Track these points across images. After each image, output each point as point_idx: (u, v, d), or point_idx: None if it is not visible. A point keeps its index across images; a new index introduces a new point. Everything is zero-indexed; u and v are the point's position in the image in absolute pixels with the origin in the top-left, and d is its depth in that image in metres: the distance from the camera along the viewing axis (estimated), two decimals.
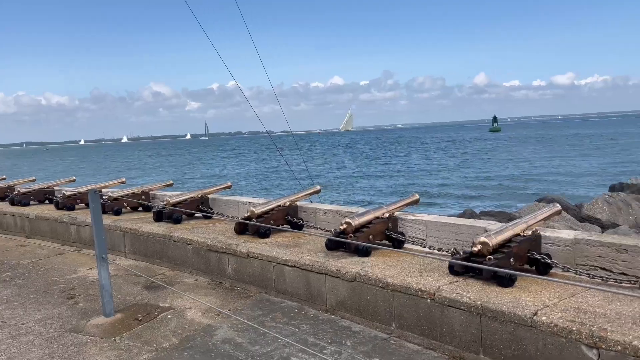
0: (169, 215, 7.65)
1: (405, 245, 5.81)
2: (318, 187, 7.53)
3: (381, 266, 4.89)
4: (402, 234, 5.81)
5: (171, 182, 10.53)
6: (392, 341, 4.37)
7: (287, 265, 5.47)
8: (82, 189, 9.65)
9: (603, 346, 3.18)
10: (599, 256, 4.48)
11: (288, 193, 7.67)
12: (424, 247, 5.64)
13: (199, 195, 8.13)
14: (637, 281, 4.09)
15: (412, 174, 42.06)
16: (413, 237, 5.88)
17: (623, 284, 4.16)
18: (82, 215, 8.77)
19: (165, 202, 7.80)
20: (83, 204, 9.49)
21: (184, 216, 7.83)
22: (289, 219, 6.77)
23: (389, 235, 5.74)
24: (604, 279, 4.25)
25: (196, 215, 8.09)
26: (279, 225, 6.65)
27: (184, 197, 8.03)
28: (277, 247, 5.84)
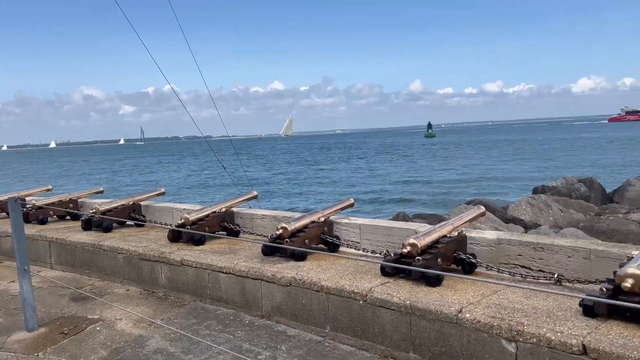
0: (99, 223, 7.36)
1: (341, 248, 5.91)
2: (255, 193, 7.51)
3: (316, 270, 4.95)
4: (337, 237, 5.91)
5: (101, 189, 10.13)
6: (326, 344, 4.44)
7: (223, 272, 5.42)
8: (2, 197, 9.09)
9: (520, 339, 3.39)
10: (519, 255, 4.76)
11: (225, 199, 7.59)
12: (358, 249, 5.76)
13: (131, 203, 7.88)
14: (552, 277, 4.38)
15: (350, 178, 42.63)
16: (348, 240, 5.99)
17: (540, 280, 4.45)
18: (3, 225, 8.27)
19: (94, 210, 7.50)
20: (4, 213, 8.94)
21: (115, 224, 7.56)
22: (225, 225, 6.71)
23: (324, 239, 5.82)
24: (524, 276, 4.52)
25: (128, 223, 7.83)
26: (214, 232, 6.57)
27: (114, 205, 7.76)
28: (212, 254, 5.77)
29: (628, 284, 3.31)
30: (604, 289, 3.43)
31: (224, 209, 6.75)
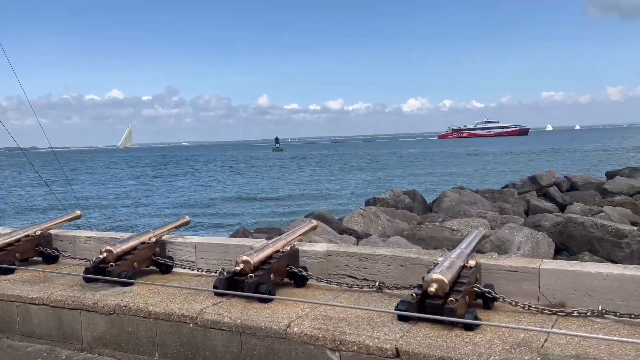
0: None
1: (175, 269, 5.66)
2: (78, 212, 6.83)
3: (144, 295, 4.66)
4: (170, 258, 5.65)
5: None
6: None
7: (35, 304, 4.81)
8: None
9: (343, 348, 3.56)
10: (346, 265, 5.03)
11: (44, 220, 6.77)
12: (193, 269, 5.57)
13: None
14: (374, 285, 4.70)
15: (192, 193, 40.55)
16: (183, 260, 5.76)
17: (364, 289, 4.74)
18: None
19: None
20: None
21: None
22: (41, 250, 5.99)
23: (156, 260, 5.52)
24: (350, 285, 4.78)
25: None
26: (28, 259, 5.83)
27: None
28: (23, 284, 5.11)
29: (433, 288, 3.69)
30: (414, 295, 3.78)
31: (39, 232, 6.02)
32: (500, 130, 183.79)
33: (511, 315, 3.92)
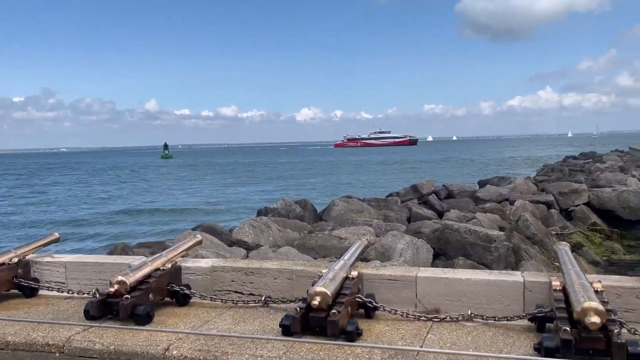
0: None
1: (41, 292, 5.13)
2: (57, 235, 5.87)
3: (2, 323, 4.16)
4: (35, 279, 5.12)
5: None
6: None
7: None
8: None
9: None
10: (232, 280, 4.91)
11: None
12: (63, 292, 5.09)
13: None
14: (260, 300, 4.63)
15: (65, 205, 35.63)
16: (51, 281, 5.26)
17: (250, 304, 4.65)
18: None
19: None
20: None
21: None
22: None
23: (18, 283, 4.97)
24: (235, 301, 4.66)
25: None
26: None
27: None
28: None
29: (316, 301, 3.70)
30: (298, 309, 3.77)
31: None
32: (392, 140, 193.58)
33: (391, 323, 4.07)
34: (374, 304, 4.14)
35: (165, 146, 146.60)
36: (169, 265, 4.69)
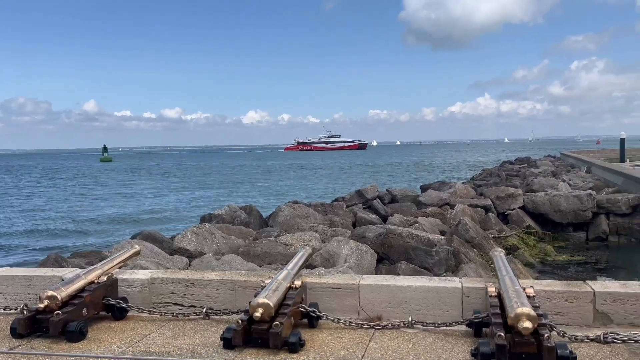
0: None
1: None
2: (138, 248, 5.40)
3: None
4: None
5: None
6: None
7: None
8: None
9: None
10: (172, 292, 4.77)
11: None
12: None
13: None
14: (202, 312, 4.51)
15: None
16: None
17: (191, 316, 4.53)
18: None
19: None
20: None
21: None
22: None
23: None
24: (175, 314, 4.52)
25: None
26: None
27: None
28: None
29: (259, 313, 3.66)
30: (240, 321, 3.71)
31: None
32: (342, 144, 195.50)
33: (334, 332, 4.07)
34: (317, 313, 4.14)
35: (105, 149, 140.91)
36: (105, 278, 4.49)
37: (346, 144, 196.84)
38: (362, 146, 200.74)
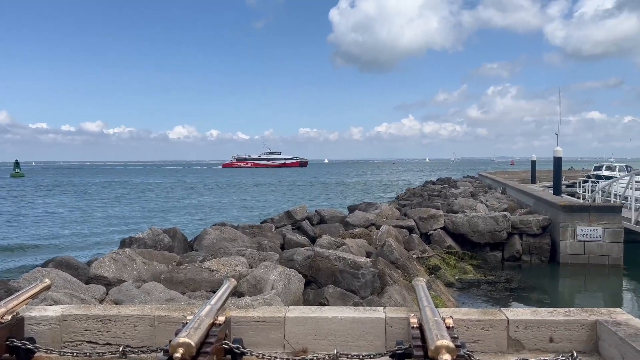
0: None
1: None
2: (48, 282, 4.76)
3: None
4: None
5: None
6: None
7: None
8: None
9: None
10: (86, 329, 4.48)
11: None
12: None
13: None
14: (118, 350, 4.26)
15: None
16: None
17: (106, 355, 4.26)
18: None
19: None
20: None
21: None
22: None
23: None
24: (89, 354, 4.25)
25: None
26: None
27: None
28: None
29: (179, 353, 3.50)
30: None
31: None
32: (283, 161, 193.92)
33: None
34: (242, 349, 4.04)
35: (17, 163, 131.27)
36: (9, 317, 4.13)
37: (287, 162, 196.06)
38: (303, 163, 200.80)
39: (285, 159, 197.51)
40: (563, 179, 31.24)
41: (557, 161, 22.57)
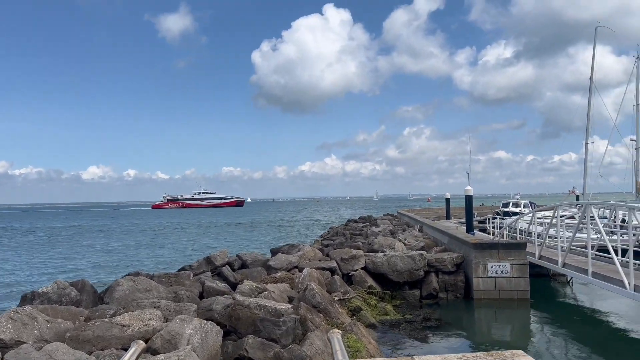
0: None
1: None
2: None
3: None
4: None
5: None
6: None
7: None
8: None
9: None
10: None
11: None
12: None
13: None
14: None
15: None
16: None
17: None
18: None
19: None
20: None
21: None
22: None
23: None
24: None
25: None
26: None
27: None
28: None
29: None
30: None
31: None
32: (218, 201, 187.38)
33: None
34: None
35: None
36: None
37: (223, 201, 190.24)
38: (239, 203, 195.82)
39: (221, 198, 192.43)
40: (475, 216, 33.04)
41: (469, 200, 23.90)
